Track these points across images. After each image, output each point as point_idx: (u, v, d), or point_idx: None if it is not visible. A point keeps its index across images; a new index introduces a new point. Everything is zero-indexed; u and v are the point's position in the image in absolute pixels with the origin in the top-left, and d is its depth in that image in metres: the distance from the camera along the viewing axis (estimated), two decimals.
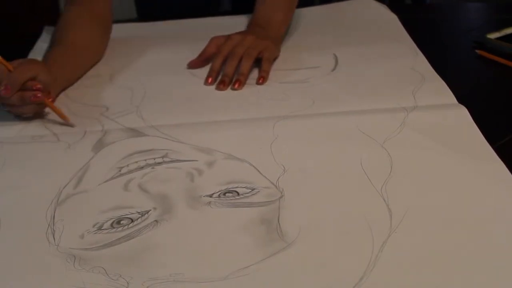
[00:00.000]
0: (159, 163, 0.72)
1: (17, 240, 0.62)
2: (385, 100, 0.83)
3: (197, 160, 0.72)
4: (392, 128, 0.76)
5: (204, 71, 0.96)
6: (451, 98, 0.82)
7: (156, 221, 0.63)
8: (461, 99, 0.82)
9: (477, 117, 0.77)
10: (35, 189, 0.70)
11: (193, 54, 1.02)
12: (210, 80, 0.87)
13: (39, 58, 1.04)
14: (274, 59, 0.96)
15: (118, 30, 1.11)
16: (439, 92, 0.84)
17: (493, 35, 0.98)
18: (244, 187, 0.67)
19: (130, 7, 1.33)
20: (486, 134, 0.73)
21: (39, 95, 0.81)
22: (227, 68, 0.89)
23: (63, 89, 0.93)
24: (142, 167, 0.72)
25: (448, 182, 0.66)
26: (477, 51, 0.97)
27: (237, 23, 1.12)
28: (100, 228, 0.62)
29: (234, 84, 0.83)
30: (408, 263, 0.55)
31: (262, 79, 0.87)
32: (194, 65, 0.96)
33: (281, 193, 0.66)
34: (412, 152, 0.71)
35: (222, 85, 0.85)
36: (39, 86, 0.81)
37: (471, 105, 0.79)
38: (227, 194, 0.66)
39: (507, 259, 0.55)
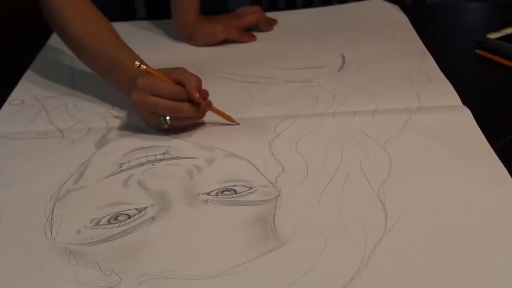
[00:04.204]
0: (160, 160, 0.73)
1: (15, 233, 0.63)
2: (390, 100, 0.83)
3: (197, 157, 0.73)
4: (394, 129, 0.76)
5: (211, 69, 0.97)
6: (456, 99, 0.82)
7: (152, 217, 0.63)
8: (460, 99, 0.81)
9: (477, 117, 0.77)
10: (37, 184, 0.71)
11: (196, 53, 1.03)
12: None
13: (53, 54, 1.06)
14: None
15: (122, 29, 1.12)
16: (444, 93, 0.84)
17: (493, 35, 0.97)
18: (242, 186, 0.67)
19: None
20: (486, 134, 0.73)
21: (210, 103, 0.78)
22: None
23: None
24: (142, 164, 0.72)
25: (446, 185, 0.65)
26: (477, 51, 0.97)
27: None
28: (97, 224, 0.63)
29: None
30: (400, 264, 0.55)
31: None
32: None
33: (279, 192, 0.66)
34: (412, 153, 0.71)
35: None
36: (207, 93, 0.77)
37: (471, 105, 0.79)
38: (224, 192, 0.66)
39: (503, 262, 0.55)
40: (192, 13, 1.05)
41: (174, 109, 0.75)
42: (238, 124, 0.79)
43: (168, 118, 0.75)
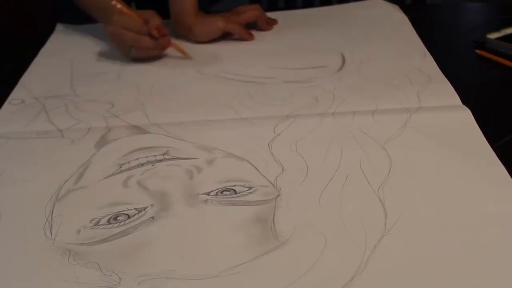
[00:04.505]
0: (160, 161, 0.73)
1: (15, 233, 0.63)
2: (389, 100, 0.83)
3: (197, 158, 0.73)
4: (394, 129, 0.76)
5: (211, 69, 0.97)
6: (456, 99, 0.82)
7: (152, 217, 0.63)
8: (460, 99, 0.81)
9: (477, 117, 0.76)
10: (37, 184, 0.71)
11: (196, 52, 1.03)
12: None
13: (53, 53, 1.07)
14: None
15: None
16: (444, 93, 0.84)
17: (493, 35, 0.97)
18: (241, 186, 0.67)
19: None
20: (486, 134, 0.73)
21: (170, 39, 0.99)
22: None
23: None
24: (142, 164, 0.72)
25: (446, 185, 0.65)
26: (477, 51, 0.97)
27: None
28: (97, 224, 0.63)
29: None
30: (399, 264, 0.55)
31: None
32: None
33: (278, 192, 0.66)
34: (412, 153, 0.71)
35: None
36: (168, 31, 0.98)
37: (471, 105, 0.79)
38: (224, 192, 0.66)
39: (503, 262, 0.55)
40: (191, 6, 1.06)
41: (137, 40, 0.97)
42: (191, 58, 1.01)
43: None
